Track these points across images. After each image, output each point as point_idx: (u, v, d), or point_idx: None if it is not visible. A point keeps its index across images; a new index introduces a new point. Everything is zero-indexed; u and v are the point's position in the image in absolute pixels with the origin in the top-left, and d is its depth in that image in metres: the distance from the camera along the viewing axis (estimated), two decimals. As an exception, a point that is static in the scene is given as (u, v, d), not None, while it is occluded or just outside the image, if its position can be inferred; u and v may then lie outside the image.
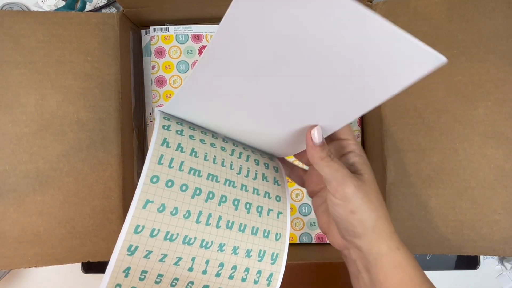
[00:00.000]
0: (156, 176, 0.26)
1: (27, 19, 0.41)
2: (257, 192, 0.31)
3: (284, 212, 0.31)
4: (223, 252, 0.28)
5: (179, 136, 0.30)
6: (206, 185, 0.28)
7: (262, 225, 0.30)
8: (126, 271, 0.26)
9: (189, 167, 0.28)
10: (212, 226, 0.27)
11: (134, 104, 0.49)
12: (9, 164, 0.41)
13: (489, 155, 0.40)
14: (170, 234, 0.26)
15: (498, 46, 0.40)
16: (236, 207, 0.29)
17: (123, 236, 0.25)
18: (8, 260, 0.40)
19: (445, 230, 0.41)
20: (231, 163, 0.31)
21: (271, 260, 0.29)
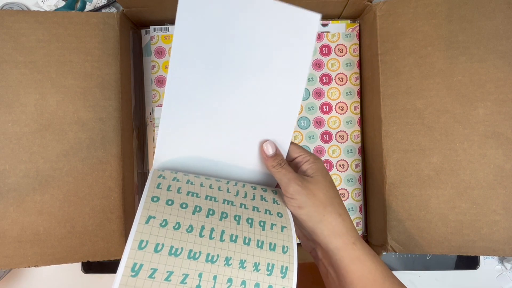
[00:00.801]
0: (156, 196, 0.28)
1: (27, 18, 0.41)
2: (257, 210, 0.32)
3: (288, 226, 0.31)
4: (230, 266, 0.27)
5: (174, 174, 0.33)
6: (206, 204, 0.29)
7: (267, 238, 0.29)
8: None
9: (187, 191, 0.30)
10: (216, 239, 0.27)
11: (134, 104, 0.49)
12: (9, 164, 0.41)
13: (489, 155, 0.40)
14: (174, 248, 0.25)
15: (498, 46, 0.40)
16: (238, 221, 0.29)
17: (127, 252, 0.24)
18: (8, 260, 0.40)
19: (445, 230, 0.41)
20: (228, 188, 0.33)
21: (281, 273, 0.28)
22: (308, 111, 0.50)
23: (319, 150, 0.50)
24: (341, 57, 0.50)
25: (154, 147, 0.49)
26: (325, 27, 0.50)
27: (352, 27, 0.50)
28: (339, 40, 0.50)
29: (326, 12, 0.49)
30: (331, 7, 0.47)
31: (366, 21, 0.47)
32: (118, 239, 0.42)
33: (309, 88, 0.50)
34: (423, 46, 0.42)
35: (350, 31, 0.50)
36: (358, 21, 0.50)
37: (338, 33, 0.50)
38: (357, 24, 0.50)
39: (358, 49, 0.50)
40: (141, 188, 0.50)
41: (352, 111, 0.50)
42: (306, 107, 0.50)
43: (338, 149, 0.50)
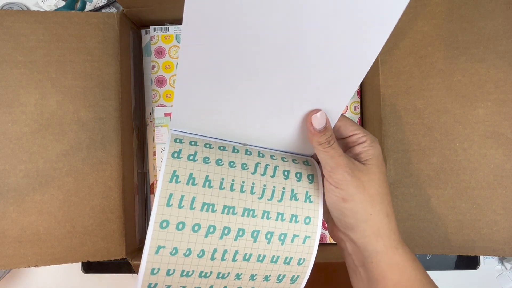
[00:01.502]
0: (165, 221, 0.25)
1: (27, 18, 0.41)
2: (281, 218, 0.28)
3: (312, 236, 0.28)
4: (240, 280, 0.27)
5: (191, 163, 0.27)
6: (221, 221, 0.26)
7: (284, 253, 0.28)
8: None
9: (202, 203, 0.26)
10: (228, 260, 0.27)
11: (134, 104, 0.49)
12: (9, 164, 0.41)
13: (489, 155, 0.40)
14: (185, 271, 0.26)
15: (498, 46, 0.40)
16: (255, 239, 0.27)
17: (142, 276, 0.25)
18: (8, 260, 0.40)
19: (445, 230, 0.41)
20: (252, 185, 0.28)
21: (290, 281, 0.28)
22: (308, 111, 0.50)
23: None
24: (341, 57, 0.50)
25: (154, 147, 0.49)
26: (325, 27, 0.50)
27: (352, 27, 0.50)
28: (339, 40, 0.50)
29: (326, 12, 0.49)
30: (331, 7, 0.47)
31: (366, 21, 0.47)
32: (118, 239, 0.42)
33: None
34: (423, 46, 0.42)
35: (350, 31, 0.50)
36: (358, 21, 0.50)
37: (338, 33, 0.50)
38: (357, 24, 0.50)
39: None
40: (141, 188, 0.50)
41: (352, 111, 0.50)
42: (306, 107, 0.50)
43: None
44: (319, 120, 0.27)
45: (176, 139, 0.28)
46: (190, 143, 0.28)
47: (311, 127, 0.28)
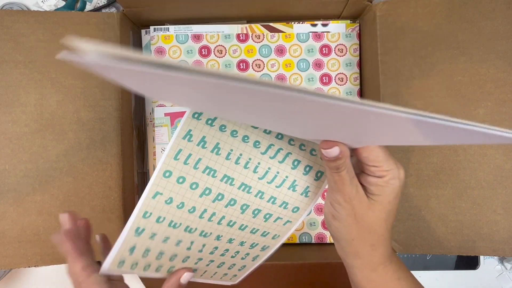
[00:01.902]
0: (169, 171, 0.27)
1: (27, 18, 0.41)
2: (273, 201, 0.29)
3: (293, 222, 0.30)
4: (219, 240, 0.30)
5: (207, 128, 0.28)
6: (218, 187, 0.28)
7: (264, 228, 0.30)
8: (131, 250, 0.27)
9: (205, 166, 0.28)
10: (213, 222, 0.29)
11: (134, 104, 0.49)
12: (9, 164, 0.41)
13: (489, 155, 0.40)
14: (173, 223, 0.28)
15: (498, 46, 0.40)
16: (243, 211, 0.29)
17: (133, 218, 0.27)
18: (8, 260, 0.40)
19: (445, 230, 0.41)
20: (258, 164, 0.29)
21: (260, 248, 0.32)
22: (308, 111, 0.50)
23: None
24: (341, 57, 0.50)
25: (154, 147, 0.49)
26: (325, 27, 0.50)
27: (352, 27, 0.50)
28: (339, 40, 0.50)
29: (326, 12, 0.49)
30: (331, 7, 0.47)
31: (366, 21, 0.47)
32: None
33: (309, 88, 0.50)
34: (423, 46, 0.42)
35: (350, 31, 0.50)
36: (358, 21, 0.50)
37: (338, 33, 0.50)
38: (357, 24, 0.50)
39: (358, 49, 0.50)
40: (141, 188, 0.50)
41: (352, 111, 0.50)
42: (306, 107, 0.50)
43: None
44: (329, 153, 0.25)
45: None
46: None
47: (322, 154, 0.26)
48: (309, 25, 0.50)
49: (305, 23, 0.50)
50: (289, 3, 0.46)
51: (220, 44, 0.50)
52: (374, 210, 0.27)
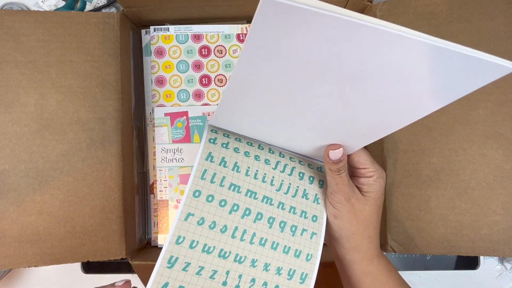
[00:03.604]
0: (198, 191, 0.28)
1: (27, 18, 0.41)
2: (293, 211, 0.32)
3: (318, 233, 0.32)
4: (255, 268, 0.29)
5: (224, 150, 0.31)
6: (244, 202, 0.30)
7: (295, 244, 0.31)
8: (164, 287, 0.26)
9: (230, 183, 0.30)
10: (246, 241, 0.29)
11: (134, 104, 0.49)
12: (9, 164, 0.41)
13: (489, 156, 0.40)
14: (207, 246, 0.28)
15: (498, 46, 0.40)
16: (270, 225, 0.30)
17: (166, 246, 0.27)
18: (7, 260, 0.40)
19: (444, 231, 0.41)
20: (272, 178, 0.32)
21: (300, 279, 0.30)
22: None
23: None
24: (341, 57, 0.50)
25: (154, 147, 0.49)
26: (325, 27, 0.50)
27: (352, 27, 0.50)
28: (339, 40, 0.50)
29: (326, 12, 0.49)
30: (331, 7, 0.47)
31: (366, 21, 0.47)
32: (118, 239, 0.42)
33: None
34: (423, 46, 0.42)
35: (350, 31, 0.50)
36: (358, 21, 0.50)
37: (338, 33, 0.50)
38: (357, 24, 0.50)
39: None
40: (141, 188, 0.50)
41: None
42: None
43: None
44: (336, 155, 0.30)
45: (212, 129, 0.32)
46: (224, 134, 0.32)
47: (327, 157, 0.31)
48: (309, 25, 0.50)
49: (305, 23, 0.50)
50: (289, 3, 0.46)
51: (220, 44, 0.50)
52: (369, 204, 0.32)
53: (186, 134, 0.49)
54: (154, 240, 0.50)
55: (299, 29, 0.18)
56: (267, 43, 0.20)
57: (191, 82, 0.50)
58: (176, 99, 0.50)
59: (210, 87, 0.50)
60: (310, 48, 0.20)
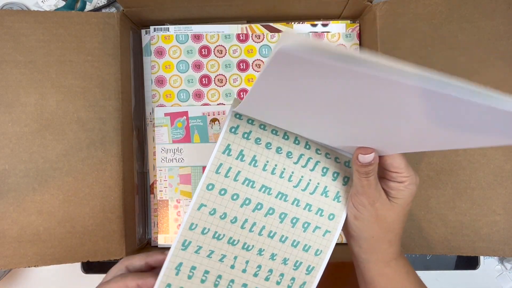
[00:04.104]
0: (211, 184, 0.30)
1: (27, 18, 0.41)
2: (309, 208, 0.31)
3: (332, 231, 0.32)
4: (261, 256, 0.30)
5: (244, 141, 0.31)
6: (257, 197, 0.30)
7: (305, 240, 0.31)
8: (177, 268, 0.29)
9: (245, 177, 0.30)
10: (254, 233, 0.30)
11: (134, 104, 0.49)
12: (9, 164, 0.41)
13: (489, 156, 0.40)
14: (217, 234, 0.30)
15: (498, 46, 0.40)
16: (281, 220, 0.31)
17: (180, 231, 0.29)
18: (7, 260, 0.40)
19: (444, 230, 0.41)
20: (292, 173, 0.31)
21: (306, 271, 0.31)
22: (308, 111, 0.50)
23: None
24: (341, 57, 0.50)
25: (154, 147, 0.49)
26: (325, 27, 0.50)
27: (352, 27, 0.50)
28: (339, 40, 0.50)
29: (326, 12, 0.49)
30: (331, 7, 0.47)
31: (366, 21, 0.47)
32: (118, 239, 0.42)
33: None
34: (423, 46, 0.42)
35: (350, 31, 0.50)
36: (358, 21, 0.50)
37: (338, 33, 0.50)
38: (357, 24, 0.50)
39: (358, 49, 0.50)
40: (141, 188, 0.50)
41: (352, 111, 0.50)
42: (306, 107, 0.50)
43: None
44: (366, 159, 0.28)
45: (236, 114, 0.31)
46: (248, 121, 0.31)
47: (356, 159, 0.29)
48: (309, 25, 0.50)
49: (305, 23, 0.50)
50: (289, 3, 0.46)
51: (220, 44, 0.50)
52: (394, 211, 0.30)
53: (186, 134, 0.49)
54: (154, 240, 0.50)
55: (314, 73, 0.17)
56: (282, 83, 0.19)
57: (191, 82, 0.50)
58: (176, 99, 0.50)
59: (210, 87, 0.50)
60: (326, 89, 0.19)
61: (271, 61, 0.17)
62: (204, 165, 0.49)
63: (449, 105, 0.18)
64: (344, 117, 0.24)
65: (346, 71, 0.16)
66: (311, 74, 0.18)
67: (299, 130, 0.32)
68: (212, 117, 0.49)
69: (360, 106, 0.21)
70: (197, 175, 0.49)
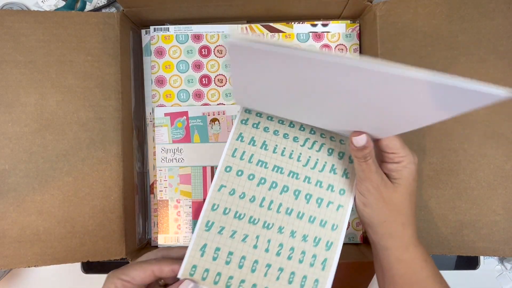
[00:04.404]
0: (229, 167, 0.33)
1: (27, 18, 0.41)
2: (320, 185, 0.33)
3: (345, 206, 0.33)
4: (282, 234, 0.32)
5: (254, 130, 0.34)
6: (271, 176, 0.33)
7: (320, 215, 0.33)
8: (202, 249, 0.30)
9: (258, 159, 0.33)
10: (273, 210, 0.32)
11: (134, 104, 0.49)
12: (9, 164, 0.41)
13: (489, 156, 0.40)
14: (238, 213, 0.32)
15: (498, 46, 0.40)
16: (296, 196, 0.33)
17: (203, 212, 0.31)
18: (7, 260, 0.40)
19: (444, 230, 0.41)
20: (300, 154, 0.34)
21: (325, 246, 0.32)
22: (308, 111, 0.50)
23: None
24: (341, 57, 0.50)
25: (154, 147, 0.49)
26: (325, 27, 0.50)
27: (352, 27, 0.50)
28: (339, 40, 0.50)
29: (326, 12, 0.49)
30: (331, 7, 0.47)
31: (366, 21, 0.47)
32: (118, 239, 0.42)
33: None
34: (423, 46, 0.42)
35: (350, 31, 0.50)
36: (358, 21, 0.50)
37: (338, 33, 0.50)
38: (357, 24, 0.50)
39: (358, 49, 0.50)
40: (141, 188, 0.50)
41: (352, 111, 0.50)
42: (306, 107, 0.50)
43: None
44: (359, 142, 0.30)
45: (246, 109, 0.35)
46: (256, 114, 0.35)
47: (352, 144, 0.30)
48: (309, 25, 0.50)
49: (305, 23, 0.50)
50: (289, 3, 0.46)
51: (220, 44, 0.50)
52: (398, 192, 0.31)
53: (186, 134, 0.49)
54: (154, 240, 0.50)
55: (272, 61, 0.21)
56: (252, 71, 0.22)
57: (191, 82, 0.50)
58: (176, 99, 0.50)
59: (210, 87, 0.50)
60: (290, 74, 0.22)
61: (228, 52, 0.21)
62: (204, 165, 0.49)
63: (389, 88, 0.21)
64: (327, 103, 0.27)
65: (284, 56, 0.19)
66: (264, 61, 0.21)
67: (301, 118, 0.34)
68: (212, 117, 0.49)
69: (330, 90, 0.24)
70: (197, 175, 0.49)
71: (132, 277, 0.29)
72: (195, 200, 0.49)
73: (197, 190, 0.49)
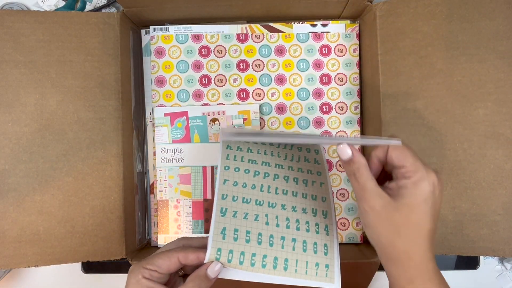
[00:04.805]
0: (227, 166, 0.38)
1: (27, 18, 0.41)
2: (300, 170, 0.40)
3: (325, 182, 0.39)
4: (285, 210, 0.36)
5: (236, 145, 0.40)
6: (262, 169, 0.39)
7: (310, 191, 0.38)
8: (223, 232, 0.33)
9: (248, 159, 0.40)
10: (272, 193, 0.37)
11: (134, 104, 0.49)
12: (9, 164, 0.41)
13: (489, 156, 0.40)
14: (245, 199, 0.36)
15: (498, 46, 0.40)
16: (287, 180, 0.39)
17: (215, 202, 0.35)
18: (7, 260, 0.40)
19: (444, 231, 0.41)
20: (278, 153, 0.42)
21: (322, 215, 0.37)
22: (308, 111, 0.50)
23: (319, 150, 0.50)
24: (341, 57, 0.50)
25: (154, 147, 0.49)
26: (324, 27, 0.50)
27: (352, 27, 0.50)
28: (339, 40, 0.50)
29: (326, 12, 0.49)
30: (331, 7, 0.47)
31: (366, 21, 0.47)
32: (118, 239, 0.42)
33: (309, 88, 0.50)
34: (423, 46, 0.42)
35: (350, 31, 0.50)
36: (358, 21, 0.50)
37: (338, 33, 0.50)
38: (357, 24, 0.50)
39: (358, 49, 0.50)
40: (141, 188, 0.50)
41: (352, 111, 0.50)
42: (306, 107, 0.50)
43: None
44: (342, 152, 0.29)
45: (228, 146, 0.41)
46: (237, 148, 0.41)
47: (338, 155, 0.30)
48: (308, 25, 0.50)
49: (305, 23, 0.50)
50: (289, 3, 0.46)
51: (220, 44, 0.50)
52: (401, 212, 0.27)
53: (186, 134, 0.49)
54: (154, 240, 0.50)
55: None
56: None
57: (191, 82, 0.50)
58: (176, 99, 0.50)
59: (210, 87, 0.50)
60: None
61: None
62: (204, 165, 0.49)
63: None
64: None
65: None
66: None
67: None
68: (212, 117, 0.49)
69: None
70: (197, 175, 0.49)
71: (158, 265, 0.29)
72: (195, 200, 0.49)
73: (197, 190, 0.49)
